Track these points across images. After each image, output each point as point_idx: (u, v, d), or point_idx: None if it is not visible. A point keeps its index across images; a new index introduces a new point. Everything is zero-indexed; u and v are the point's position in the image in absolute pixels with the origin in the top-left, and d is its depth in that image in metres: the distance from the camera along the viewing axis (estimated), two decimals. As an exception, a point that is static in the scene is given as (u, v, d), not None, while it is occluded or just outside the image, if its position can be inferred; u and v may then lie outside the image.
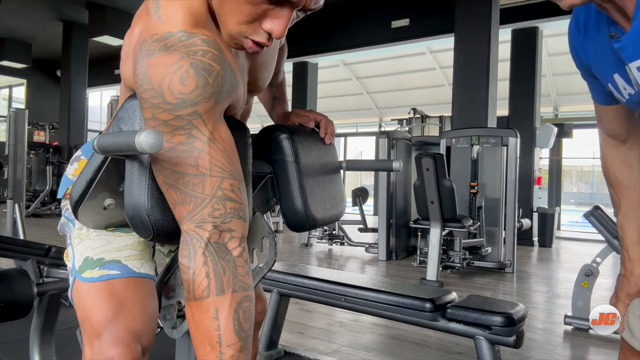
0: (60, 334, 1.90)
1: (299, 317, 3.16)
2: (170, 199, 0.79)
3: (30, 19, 9.76)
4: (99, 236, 0.95)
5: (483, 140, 5.24)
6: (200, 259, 0.76)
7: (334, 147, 1.28)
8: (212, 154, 0.78)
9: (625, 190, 1.07)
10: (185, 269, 0.77)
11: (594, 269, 2.94)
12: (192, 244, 0.77)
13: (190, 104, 0.75)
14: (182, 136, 0.77)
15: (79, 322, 0.91)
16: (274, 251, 1.06)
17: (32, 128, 11.01)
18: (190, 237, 0.78)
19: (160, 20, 0.79)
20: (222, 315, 0.76)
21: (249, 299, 0.80)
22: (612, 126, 1.05)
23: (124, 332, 0.87)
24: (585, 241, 7.68)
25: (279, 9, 0.80)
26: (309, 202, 1.12)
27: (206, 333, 0.76)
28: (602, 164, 1.11)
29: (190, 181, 0.77)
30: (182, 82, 0.75)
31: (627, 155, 1.06)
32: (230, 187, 0.79)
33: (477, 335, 1.63)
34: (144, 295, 0.93)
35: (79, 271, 0.91)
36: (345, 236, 6.25)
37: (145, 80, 0.76)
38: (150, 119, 0.77)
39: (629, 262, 1.07)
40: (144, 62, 0.77)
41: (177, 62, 0.75)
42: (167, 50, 0.76)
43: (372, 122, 13.64)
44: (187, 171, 0.77)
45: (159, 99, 0.75)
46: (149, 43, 0.77)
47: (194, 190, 0.77)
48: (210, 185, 0.78)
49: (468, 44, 6.29)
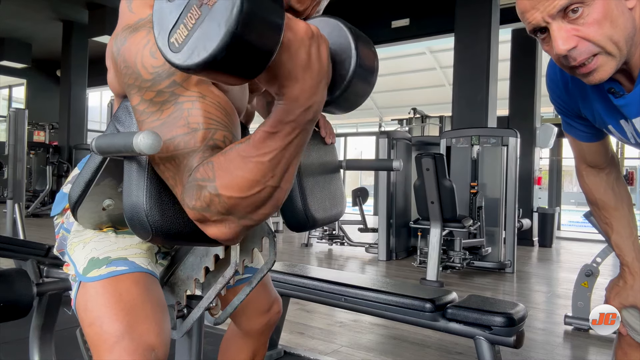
0: (60, 334, 1.90)
1: (299, 317, 3.16)
2: (169, 174, 0.74)
3: (30, 19, 9.75)
4: (104, 238, 0.94)
5: (483, 140, 5.24)
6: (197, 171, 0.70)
7: (333, 146, 1.28)
8: (205, 108, 0.74)
9: (614, 212, 1.18)
10: (202, 185, 0.69)
11: (594, 269, 2.94)
12: (191, 188, 0.71)
13: (167, 76, 0.73)
14: (170, 108, 0.74)
15: (84, 327, 0.86)
16: (274, 251, 1.06)
17: (32, 128, 10.99)
18: (189, 184, 0.71)
19: (132, 12, 0.80)
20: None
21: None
22: (594, 159, 1.16)
23: (136, 345, 0.82)
24: (585, 241, 7.68)
25: None
26: (309, 202, 1.12)
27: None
28: (584, 190, 1.21)
29: (181, 141, 0.72)
30: (152, 55, 0.73)
31: (608, 181, 1.18)
32: (223, 138, 0.75)
33: (477, 335, 1.63)
34: (155, 296, 0.90)
35: (84, 273, 0.89)
36: (345, 236, 6.24)
37: (126, 66, 0.76)
38: (138, 103, 0.76)
39: (630, 277, 1.16)
40: (121, 50, 0.76)
41: (144, 36, 0.75)
42: (136, 30, 0.76)
43: (372, 122, 13.64)
44: (177, 133, 0.73)
45: (139, 79, 0.74)
46: (120, 33, 0.78)
47: (186, 148, 0.72)
48: (202, 137, 0.73)
49: (468, 44, 6.28)
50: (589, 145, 1.13)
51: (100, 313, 0.84)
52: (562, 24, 0.83)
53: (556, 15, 0.83)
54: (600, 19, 0.82)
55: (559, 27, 0.83)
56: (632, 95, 0.91)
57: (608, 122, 1.01)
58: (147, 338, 0.84)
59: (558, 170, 9.28)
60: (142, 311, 0.85)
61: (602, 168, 1.18)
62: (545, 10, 0.82)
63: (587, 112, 1.05)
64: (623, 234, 1.17)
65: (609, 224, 1.19)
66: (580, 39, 0.83)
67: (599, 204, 1.20)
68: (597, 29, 0.82)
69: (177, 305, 1.08)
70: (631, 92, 0.92)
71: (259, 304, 1.21)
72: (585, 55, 0.84)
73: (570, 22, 0.83)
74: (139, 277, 0.89)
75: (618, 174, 1.20)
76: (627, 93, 0.93)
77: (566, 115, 1.11)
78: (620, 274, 1.18)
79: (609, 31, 0.83)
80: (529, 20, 0.85)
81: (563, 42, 0.83)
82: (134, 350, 0.82)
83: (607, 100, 0.97)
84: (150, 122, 0.75)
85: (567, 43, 0.83)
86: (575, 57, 0.85)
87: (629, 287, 1.15)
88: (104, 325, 0.83)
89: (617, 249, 1.18)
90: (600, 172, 1.18)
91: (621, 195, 1.19)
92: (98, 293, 0.86)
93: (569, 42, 0.83)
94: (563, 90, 1.06)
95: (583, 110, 1.05)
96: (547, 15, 0.83)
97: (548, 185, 9.22)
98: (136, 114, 0.77)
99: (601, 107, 1.00)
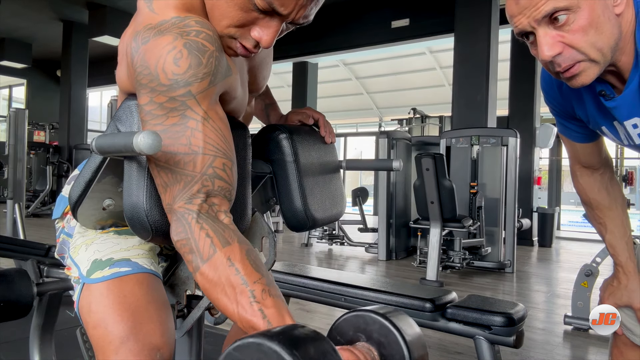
0: (60, 334, 1.90)
1: (299, 317, 3.16)
2: (161, 181, 0.77)
3: (30, 19, 9.75)
4: (106, 240, 0.94)
5: (483, 140, 5.24)
6: (196, 227, 0.74)
7: (333, 146, 1.28)
8: (206, 132, 0.77)
9: (608, 212, 1.19)
10: (185, 242, 0.74)
11: (594, 269, 2.94)
12: (184, 219, 0.75)
13: (184, 85, 0.75)
14: (176, 117, 0.76)
15: (88, 330, 0.86)
16: (274, 251, 1.06)
17: (32, 128, 10.99)
18: (182, 213, 0.75)
19: (153, 12, 0.80)
20: (236, 260, 0.71)
21: (255, 251, 0.77)
22: (589, 159, 1.17)
23: (141, 346, 0.82)
24: (585, 241, 7.68)
25: (269, 19, 0.80)
26: (309, 202, 1.12)
27: (227, 282, 0.70)
28: (578, 190, 1.23)
29: (181, 160, 0.75)
30: (175, 62, 0.74)
31: (602, 181, 1.19)
32: (222, 166, 0.78)
33: (477, 335, 1.63)
34: (159, 296, 0.90)
35: (88, 274, 0.89)
36: (345, 236, 6.24)
37: (144, 66, 0.76)
38: (146, 104, 0.76)
39: (624, 276, 1.16)
40: (141, 49, 0.77)
41: (170, 42, 0.75)
42: (161, 34, 0.76)
43: (372, 122, 13.64)
44: (179, 150, 0.75)
45: (155, 81, 0.75)
46: (142, 32, 0.78)
47: (185, 168, 0.75)
48: (201, 162, 0.76)
49: (468, 44, 6.29)
50: (583, 146, 1.14)
51: (105, 315, 0.84)
52: (548, 29, 0.84)
53: (542, 21, 0.83)
54: (585, 26, 0.82)
55: (545, 33, 0.84)
56: (622, 97, 0.92)
57: (601, 123, 1.02)
58: (152, 339, 0.84)
59: (558, 170, 9.28)
60: (146, 312, 0.86)
61: (596, 168, 1.18)
62: (531, 15, 0.83)
63: (581, 113, 1.05)
64: (617, 233, 1.18)
65: (603, 223, 1.20)
66: (565, 46, 0.84)
67: (592, 204, 1.21)
68: (582, 36, 0.83)
69: (177, 305, 1.08)
70: (621, 95, 0.92)
71: None
72: (569, 62, 0.85)
73: (557, 28, 0.83)
74: (142, 277, 0.89)
75: (612, 174, 1.21)
76: (618, 95, 0.93)
77: (560, 117, 1.12)
78: (614, 273, 1.19)
79: (593, 38, 0.83)
80: (516, 25, 0.86)
81: (548, 48, 0.84)
82: (140, 351, 0.82)
83: (599, 102, 0.97)
84: (154, 125, 0.76)
85: (552, 49, 0.84)
86: (560, 63, 0.86)
87: (623, 287, 1.16)
88: (109, 327, 0.83)
89: (611, 248, 1.18)
90: (594, 172, 1.19)
91: (615, 196, 1.19)
92: (102, 295, 0.86)
93: (554, 48, 0.84)
94: (557, 91, 1.07)
95: (577, 112, 1.06)
96: (533, 21, 0.83)
97: (548, 185, 9.22)
98: (141, 113, 0.78)
99: (594, 109, 1.01)
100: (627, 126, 0.95)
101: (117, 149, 0.72)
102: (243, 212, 0.95)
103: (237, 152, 0.86)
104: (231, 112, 0.91)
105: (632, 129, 0.96)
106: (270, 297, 0.69)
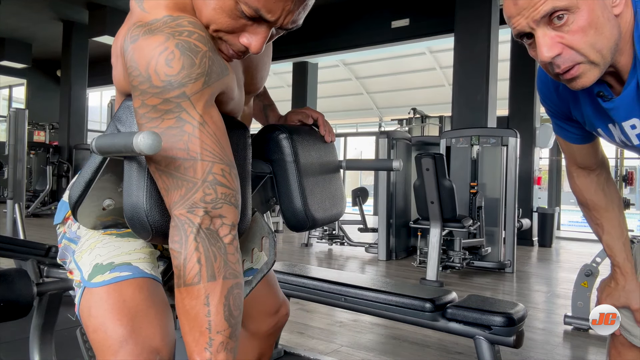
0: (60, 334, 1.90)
1: (299, 317, 3.16)
2: (163, 185, 0.78)
3: (30, 19, 9.75)
4: (108, 243, 0.94)
5: (483, 140, 5.24)
6: (192, 245, 0.75)
7: (333, 146, 1.28)
8: (203, 139, 0.77)
9: (605, 212, 1.19)
10: (177, 254, 0.76)
11: (594, 269, 2.94)
12: (183, 230, 0.76)
13: (178, 86, 0.74)
14: (171, 120, 0.76)
15: (89, 334, 0.86)
16: (274, 251, 1.06)
17: (32, 128, 11.00)
18: (182, 222, 0.76)
19: (144, 11, 0.79)
20: (213, 301, 0.74)
21: (239, 286, 0.79)
22: (585, 160, 1.17)
23: (140, 349, 0.83)
24: (585, 241, 7.68)
25: (257, 26, 0.80)
26: (309, 202, 1.12)
27: (196, 319, 0.74)
28: (575, 191, 1.22)
29: (181, 165, 0.76)
30: (167, 63, 0.74)
31: (598, 182, 1.19)
32: (221, 171, 0.78)
33: (477, 335, 1.63)
34: (159, 301, 0.90)
35: (89, 278, 0.89)
36: (345, 236, 6.24)
37: (134, 67, 0.75)
38: (140, 107, 0.76)
39: (621, 277, 1.16)
40: (130, 48, 0.76)
41: (162, 43, 0.74)
42: (152, 33, 0.75)
43: (372, 122, 13.64)
44: (178, 155, 0.76)
45: (147, 83, 0.74)
46: (132, 30, 0.77)
47: (185, 174, 0.76)
48: (201, 169, 0.76)
49: (468, 44, 6.29)
50: (580, 147, 1.14)
51: (105, 319, 0.84)
52: (546, 30, 0.83)
53: (540, 22, 0.82)
54: (585, 26, 0.82)
55: (544, 34, 0.83)
56: (620, 98, 0.91)
57: (597, 125, 1.02)
58: (152, 342, 0.84)
59: (558, 170, 9.28)
60: (146, 316, 0.86)
61: (592, 169, 1.18)
62: (529, 16, 0.82)
63: (577, 114, 1.05)
64: (614, 234, 1.17)
65: (600, 224, 1.19)
66: (565, 47, 0.83)
67: (589, 205, 1.20)
68: (581, 36, 0.82)
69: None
70: (619, 96, 0.92)
71: (266, 306, 1.21)
72: (569, 63, 0.84)
73: (555, 29, 0.82)
74: (142, 282, 0.89)
75: (608, 175, 1.21)
76: (616, 96, 0.93)
77: (557, 118, 1.11)
78: (612, 274, 1.19)
79: (593, 39, 0.83)
80: (515, 26, 0.85)
81: (547, 49, 0.83)
82: (139, 354, 0.82)
83: (596, 103, 0.97)
84: (150, 128, 0.76)
85: (551, 50, 0.83)
86: (559, 65, 0.85)
87: (620, 288, 1.16)
88: (108, 331, 0.83)
89: (608, 249, 1.18)
90: (590, 173, 1.19)
91: (611, 196, 1.19)
92: (102, 299, 0.86)
93: (553, 49, 0.83)
94: (554, 92, 1.06)
95: (573, 113, 1.05)
96: (531, 21, 0.82)
97: (548, 185, 9.22)
98: (136, 116, 0.78)
99: (590, 110, 1.00)
100: (625, 127, 0.95)
101: (117, 149, 0.72)
102: (243, 212, 0.95)
103: (237, 152, 0.86)
104: (229, 113, 0.91)
105: (630, 130, 0.95)
106: (224, 351, 0.74)
